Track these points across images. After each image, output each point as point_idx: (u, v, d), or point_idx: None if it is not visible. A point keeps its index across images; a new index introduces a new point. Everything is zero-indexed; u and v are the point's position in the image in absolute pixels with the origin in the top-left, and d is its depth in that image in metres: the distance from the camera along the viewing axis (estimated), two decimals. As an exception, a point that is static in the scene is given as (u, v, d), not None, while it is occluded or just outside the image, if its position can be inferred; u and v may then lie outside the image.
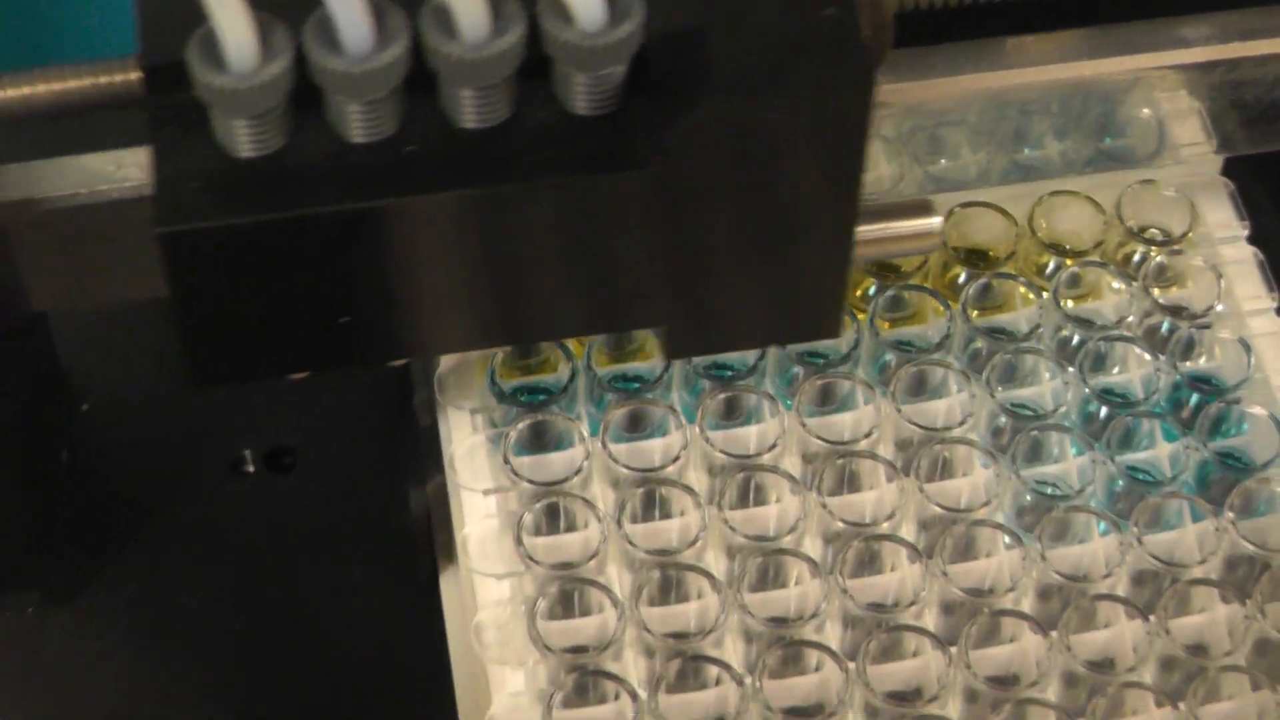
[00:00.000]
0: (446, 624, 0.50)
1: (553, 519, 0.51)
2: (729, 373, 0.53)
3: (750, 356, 0.52)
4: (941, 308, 0.53)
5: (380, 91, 0.40)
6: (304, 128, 0.41)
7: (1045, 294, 0.54)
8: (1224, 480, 0.51)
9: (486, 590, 0.49)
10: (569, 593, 0.49)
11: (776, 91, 0.41)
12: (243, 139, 0.40)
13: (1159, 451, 0.52)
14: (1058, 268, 0.54)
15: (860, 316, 0.53)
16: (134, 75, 0.42)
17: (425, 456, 0.52)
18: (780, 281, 0.46)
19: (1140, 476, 0.51)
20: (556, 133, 0.42)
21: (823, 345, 0.53)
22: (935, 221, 0.50)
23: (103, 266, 0.48)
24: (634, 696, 0.47)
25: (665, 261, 0.45)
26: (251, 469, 0.56)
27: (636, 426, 0.52)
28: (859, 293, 0.54)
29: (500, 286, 0.45)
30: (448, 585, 0.51)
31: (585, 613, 0.49)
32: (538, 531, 0.50)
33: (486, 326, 0.46)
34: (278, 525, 0.55)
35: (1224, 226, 0.55)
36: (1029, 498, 0.51)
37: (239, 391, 0.56)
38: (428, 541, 0.51)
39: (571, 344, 0.53)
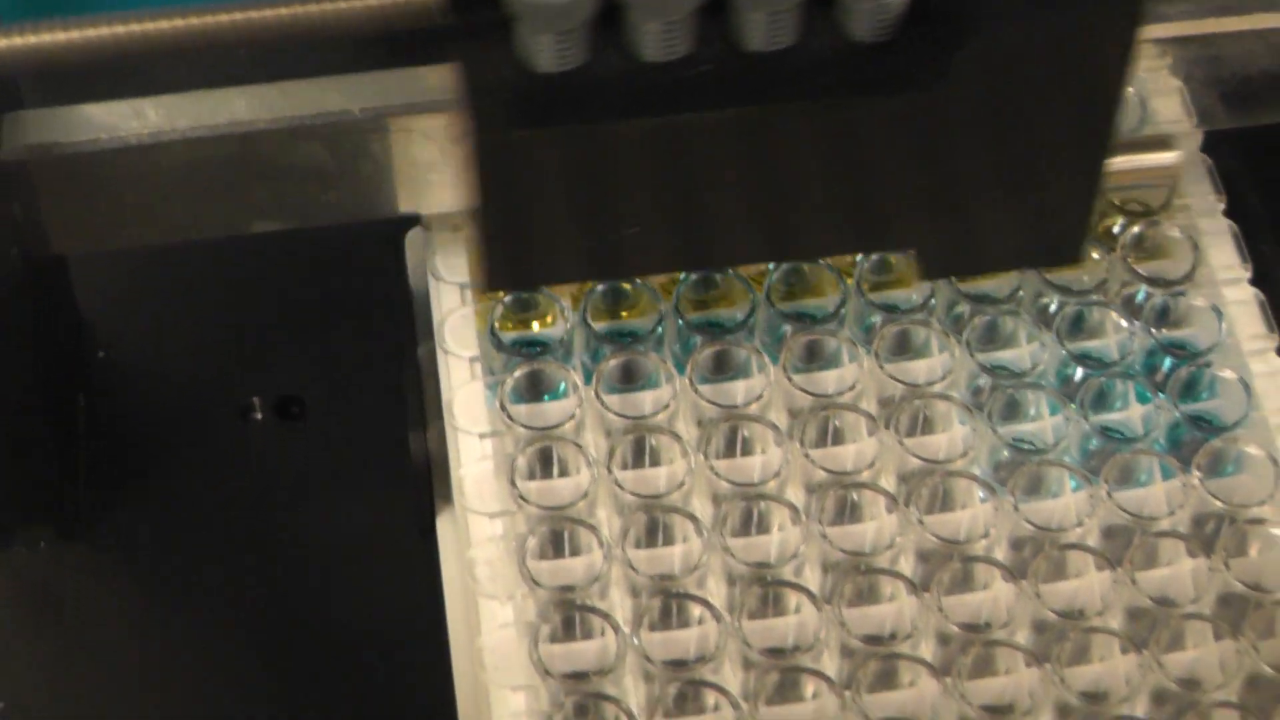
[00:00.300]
0: (441, 560, 0.52)
1: (545, 464, 0.53)
2: (720, 329, 0.55)
3: (740, 313, 0.55)
4: (927, 272, 0.56)
5: (680, 13, 0.43)
6: (602, 46, 0.44)
7: (1026, 260, 0.56)
8: (1194, 441, 0.54)
9: (480, 528, 0.52)
10: (559, 533, 0.51)
11: (1048, 20, 0.43)
12: (547, 54, 0.43)
13: (1132, 412, 0.54)
14: (1039, 236, 0.57)
15: (848, 280, 0.56)
16: None
17: (428, 406, 0.55)
18: (1036, 205, 0.48)
19: (1113, 435, 0.54)
20: (839, 58, 0.45)
21: (811, 305, 0.56)
22: (1172, 156, 0.52)
23: (121, 210, 0.50)
24: (618, 631, 0.50)
25: (932, 184, 0.47)
26: (260, 416, 0.59)
27: (630, 378, 0.54)
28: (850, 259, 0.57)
29: (775, 205, 0.48)
30: (444, 524, 0.53)
31: (575, 552, 0.52)
32: (531, 476, 0.53)
33: (757, 243, 0.49)
34: (285, 470, 0.57)
35: (1202, 201, 0.58)
36: (1005, 453, 0.53)
37: (251, 341, 0.59)
38: (427, 483, 0.54)
39: (567, 300, 0.55)
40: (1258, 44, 0.54)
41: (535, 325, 0.56)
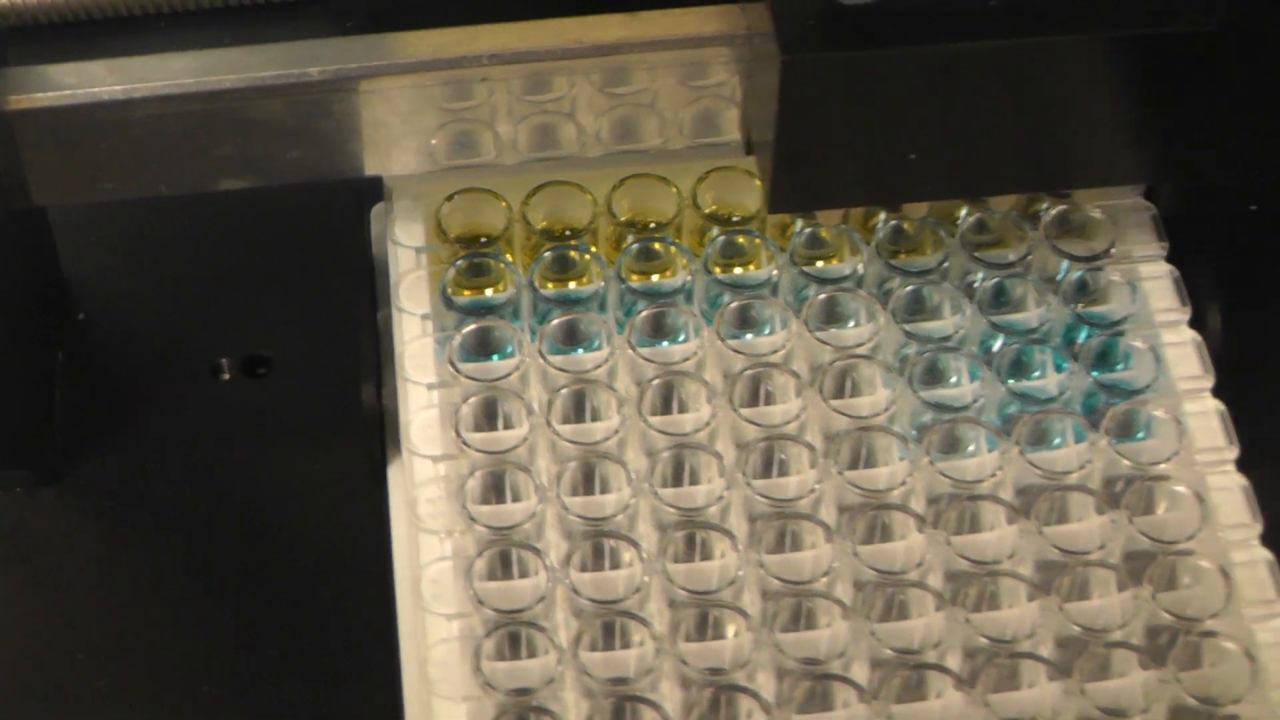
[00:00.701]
0: (391, 502, 0.56)
1: (490, 416, 0.57)
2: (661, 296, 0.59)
3: (678, 280, 0.59)
4: (860, 247, 0.59)
5: None
6: None
7: (953, 238, 0.60)
8: (1108, 408, 0.57)
9: (424, 469, 0.55)
10: (499, 476, 0.55)
11: None
12: None
13: (1049, 380, 0.57)
14: (968, 214, 0.60)
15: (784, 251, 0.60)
16: None
17: (385, 365, 0.59)
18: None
19: (1031, 400, 0.57)
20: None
21: (748, 276, 0.59)
22: None
23: (96, 164, 0.54)
24: (550, 569, 0.53)
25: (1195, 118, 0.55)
26: (228, 376, 0.63)
27: (572, 339, 0.58)
28: (786, 233, 0.60)
29: (1046, 136, 0.55)
30: (395, 471, 0.57)
31: (515, 498, 0.55)
32: (475, 426, 0.56)
33: (1027, 174, 0.56)
34: (251, 424, 0.62)
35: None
36: (928, 416, 0.57)
37: (222, 304, 0.63)
38: (380, 432, 0.57)
39: (518, 265, 0.59)
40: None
41: (489, 291, 0.59)
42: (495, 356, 0.58)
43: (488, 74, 0.54)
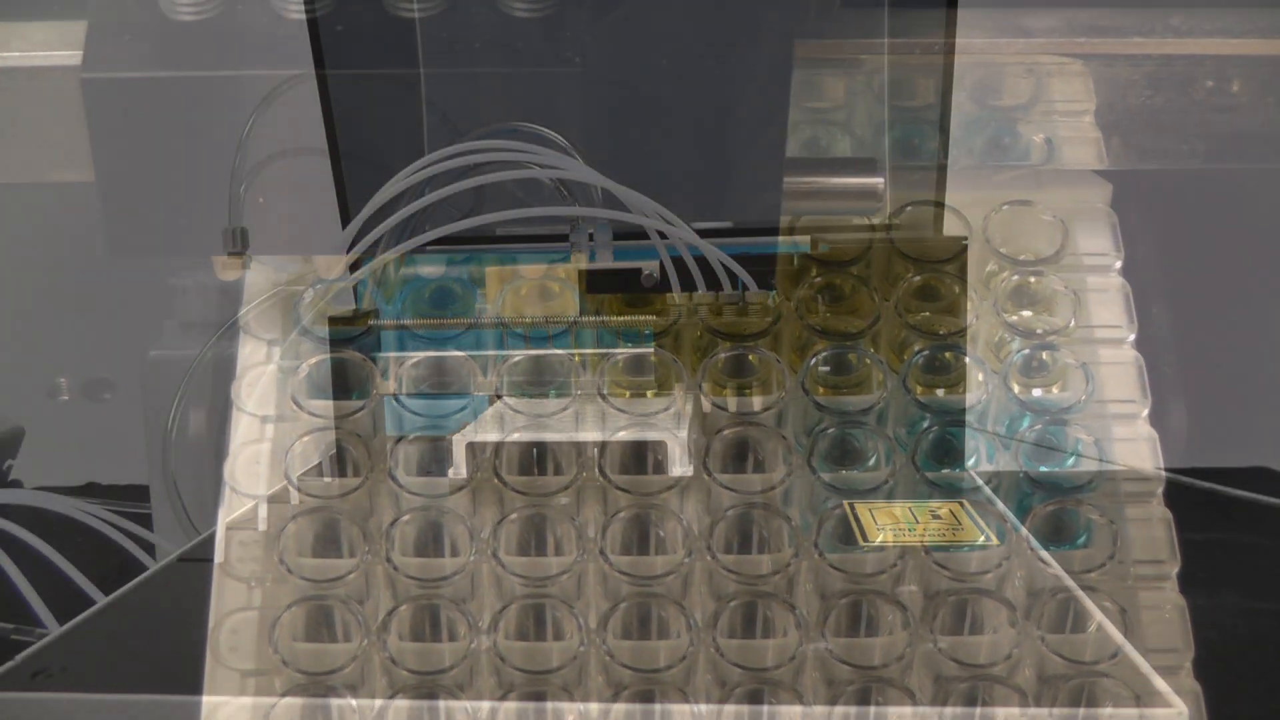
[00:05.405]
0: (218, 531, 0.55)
1: (339, 463, 0.56)
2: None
3: (562, 327, 0.58)
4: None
5: None
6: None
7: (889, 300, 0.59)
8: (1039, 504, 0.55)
9: (241, 508, 0.55)
10: (331, 524, 0.54)
11: None
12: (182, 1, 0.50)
13: (980, 468, 0.56)
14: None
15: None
16: None
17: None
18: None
19: (955, 487, 0.56)
20: (491, 29, 0.51)
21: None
22: (878, 180, 0.56)
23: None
24: (367, 633, 0.52)
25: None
26: (67, 397, 0.64)
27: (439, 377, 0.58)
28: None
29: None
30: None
31: (339, 554, 0.54)
32: (319, 473, 0.56)
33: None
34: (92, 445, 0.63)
35: (1097, 254, 0.60)
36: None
37: (65, 328, 0.65)
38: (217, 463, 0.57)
39: (381, 293, 0.59)
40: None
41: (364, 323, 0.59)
42: (355, 395, 0.57)
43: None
